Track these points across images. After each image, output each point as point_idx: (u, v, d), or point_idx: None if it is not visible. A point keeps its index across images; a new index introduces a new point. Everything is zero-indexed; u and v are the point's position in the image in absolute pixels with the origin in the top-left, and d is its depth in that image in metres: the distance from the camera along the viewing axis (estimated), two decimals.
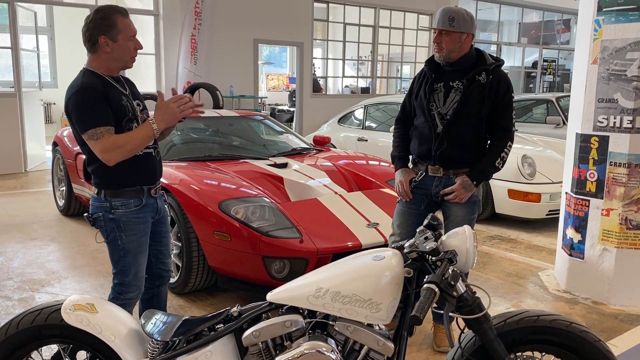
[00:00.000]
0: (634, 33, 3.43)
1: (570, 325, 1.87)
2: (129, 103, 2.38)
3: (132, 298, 2.49)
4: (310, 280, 1.89)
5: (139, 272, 2.47)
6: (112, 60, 2.33)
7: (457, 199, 2.85)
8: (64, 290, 3.91)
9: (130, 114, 2.38)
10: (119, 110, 2.33)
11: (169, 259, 2.71)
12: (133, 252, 2.43)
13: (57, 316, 1.91)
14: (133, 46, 2.35)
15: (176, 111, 2.30)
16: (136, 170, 2.39)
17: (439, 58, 2.80)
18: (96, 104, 2.26)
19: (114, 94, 2.32)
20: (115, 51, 2.31)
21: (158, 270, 2.66)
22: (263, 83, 16.29)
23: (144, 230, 2.46)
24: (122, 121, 2.34)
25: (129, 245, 2.41)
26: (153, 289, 2.68)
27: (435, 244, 1.81)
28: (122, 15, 2.31)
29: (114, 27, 2.28)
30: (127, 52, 2.34)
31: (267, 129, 5.61)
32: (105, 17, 2.28)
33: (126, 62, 2.37)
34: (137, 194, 2.41)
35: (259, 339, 1.87)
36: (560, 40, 17.16)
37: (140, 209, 2.43)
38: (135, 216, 2.41)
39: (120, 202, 2.38)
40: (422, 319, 1.58)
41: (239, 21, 10.29)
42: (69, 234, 5.27)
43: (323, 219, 3.57)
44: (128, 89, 2.45)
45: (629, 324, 3.43)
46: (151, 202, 2.49)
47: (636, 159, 3.51)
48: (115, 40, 2.29)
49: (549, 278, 4.20)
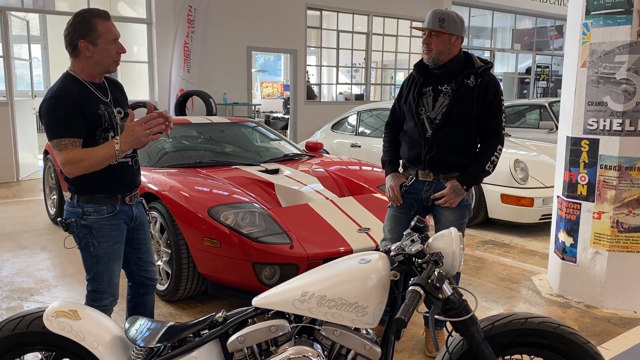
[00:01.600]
0: (622, 36, 3.44)
1: (558, 327, 1.85)
2: (106, 112, 2.32)
3: (106, 305, 2.44)
4: (296, 285, 1.87)
5: (112, 279, 2.42)
6: (93, 64, 2.29)
7: (448, 203, 2.84)
8: (53, 298, 3.87)
9: (106, 124, 2.32)
10: (94, 119, 2.28)
11: (152, 266, 2.65)
12: (106, 259, 2.38)
13: (39, 323, 1.88)
14: (115, 50, 2.29)
15: (141, 135, 2.18)
16: (110, 178, 2.34)
17: (427, 60, 2.79)
18: (66, 114, 2.21)
19: (90, 103, 2.27)
20: (95, 55, 2.26)
21: (141, 279, 2.61)
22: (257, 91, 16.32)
23: (117, 237, 2.41)
24: (96, 131, 2.29)
25: (102, 252, 2.37)
26: (138, 298, 2.64)
27: (421, 246, 1.80)
28: (102, 19, 2.26)
29: (94, 31, 2.23)
30: (108, 56, 2.28)
31: (259, 135, 5.60)
32: (84, 20, 2.23)
33: (108, 66, 2.31)
34: (110, 200, 2.37)
35: (244, 345, 1.84)
36: (554, 46, 17.25)
37: (113, 215, 2.38)
38: (108, 223, 2.36)
39: (93, 209, 2.34)
40: (407, 321, 1.56)
41: (232, 29, 10.30)
42: (60, 243, 5.23)
43: (314, 225, 3.55)
44: (110, 95, 2.40)
45: (622, 327, 3.41)
46: (126, 209, 2.43)
47: (626, 161, 3.50)
48: (95, 44, 2.24)
49: (542, 282, 4.19)
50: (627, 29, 3.41)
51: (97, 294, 2.42)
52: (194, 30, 9.60)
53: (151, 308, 2.72)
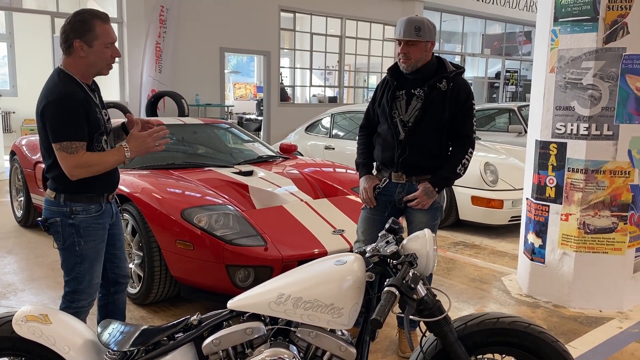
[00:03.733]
0: (589, 43, 3.54)
1: (528, 326, 1.89)
2: (101, 115, 2.35)
3: (84, 306, 2.42)
4: (272, 287, 1.88)
5: (93, 279, 2.42)
6: (86, 65, 2.28)
7: (420, 205, 2.88)
8: (20, 303, 3.78)
9: (103, 128, 2.36)
10: (94, 123, 2.30)
11: (125, 263, 2.65)
12: (90, 259, 2.38)
13: (8, 328, 1.84)
14: (110, 53, 2.30)
15: (151, 146, 2.33)
16: (101, 178, 2.34)
17: (406, 69, 2.82)
18: (75, 116, 2.22)
19: (90, 106, 2.29)
20: (89, 56, 2.26)
21: (113, 276, 2.59)
22: (230, 92, 16.21)
23: (103, 236, 2.42)
24: (94, 134, 2.31)
25: (87, 252, 2.36)
26: (108, 296, 2.61)
27: (396, 247, 1.82)
28: (101, 21, 2.26)
29: (91, 32, 2.23)
30: (102, 59, 2.28)
31: (233, 137, 5.57)
32: (83, 20, 2.23)
33: (101, 69, 2.32)
34: (98, 199, 2.38)
35: (220, 347, 1.83)
36: (522, 51, 17.62)
37: (100, 214, 2.39)
38: (95, 222, 2.37)
39: (82, 207, 2.33)
40: (382, 322, 1.57)
41: (205, 29, 10.23)
42: (27, 246, 5.11)
43: (288, 227, 3.55)
44: (98, 97, 2.41)
45: (588, 326, 3.51)
46: (108, 208, 2.46)
47: (593, 164, 3.61)
48: (90, 46, 2.24)
49: (512, 283, 4.27)
50: (593, 36, 3.52)
51: (76, 295, 2.39)
52: (166, 30, 9.50)
53: (122, 307, 2.69)
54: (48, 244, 5.14)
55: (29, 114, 12.82)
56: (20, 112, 12.73)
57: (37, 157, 5.42)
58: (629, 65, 3.48)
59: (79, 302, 2.40)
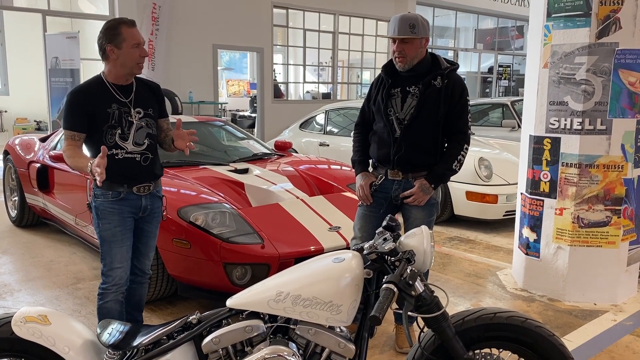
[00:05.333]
0: (582, 38, 3.56)
1: (525, 321, 1.91)
2: (117, 111, 2.58)
3: (107, 290, 2.64)
4: (271, 285, 1.89)
5: (114, 263, 2.63)
6: (119, 66, 2.56)
7: (416, 201, 2.89)
8: (16, 303, 3.77)
9: (114, 121, 2.57)
10: (102, 116, 2.55)
11: (147, 259, 2.83)
12: (107, 241, 2.61)
13: (7, 329, 1.84)
14: (138, 53, 2.55)
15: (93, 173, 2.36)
16: (113, 168, 2.53)
17: (402, 67, 2.82)
18: (73, 108, 2.54)
19: (102, 101, 2.55)
20: (120, 57, 2.53)
21: (132, 267, 2.75)
22: (223, 89, 16.17)
23: (119, 221, 2.61)
24: (103, 126, 2.55)
25: (104, 234, 2.61)
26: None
27: (394, 244, 1.83)
28: (127, 26, 2.55)
29: (119, 36, 2.51)
30: (131, 58, 2.54)
31: (227, 134, 5.57)
32: (110, 27, 2.54)
33: (132, 67, 2.57)
34: (115, 187, 2.59)
35: (219, 346, 1.84)
36: (515, 46, 17.66)
37: (118, 200, 2.60)
38: (111, 206, 2.60)
39: (100, 192, 2.60)
40: (381, 319, 1.59)
41: (198, 26, 10.19)
42: (22, 246, 5.09)
43: (285, 224, 3.55)
44: (134, 96, 2.63)
45: (583, 319, 3.54)
46: (133, 198, 2.64)
47: (586, 159, 3.63)
48: (120, 48, 2.52)
49: (507, 277, 4.30)
50: (586, 32, 3.54)
51: (103, 276, 2.66)
52: (159, 28, 9.47)
53: (137, 301, 2.88)
54: (43, 244, 5.13)
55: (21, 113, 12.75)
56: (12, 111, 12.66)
57: (31, 157, 5.40)
58: (621, 60, 3.51)
59: (104, 284, 2.65)
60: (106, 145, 2.56)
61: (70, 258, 4.74)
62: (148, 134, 2.68)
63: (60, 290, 4.01)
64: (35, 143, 5.59)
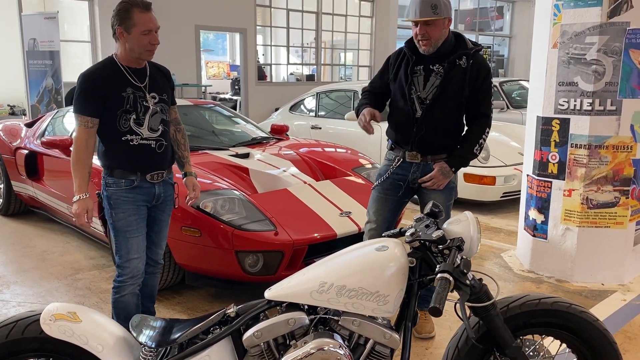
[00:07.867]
0: (592, 17, 3.52)
1: (570, 306, 1.88)
2: (132, 95, 2.45)
3: (124, 282, 2.57)
4: (312, 275, 1.81)
5: (130, 254, 2.53)
6: (127, 50, 2.43)
7: (435, 185, 2.83)
8: (15, 296, 3.63)
9: (128, 106, 2.45)
10: (116, 100, 2.43)
11: (159, 249, 2.75)
12: (122, 232, 2.51)
13: (36, 328, 1.73)
14: (148, 40, 2.41)
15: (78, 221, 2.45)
16: (127, 155, 2.48)
17: (427, 50, 2.70)
18: (87, 92, 2.40)
19: (115, 85, 2.42)
20: (129, 42, 2.41)
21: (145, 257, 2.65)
22: (203, 71, 15.84)
23: (133, 210, 2.52)
24: (117, 111, 2.44)
25: (118, 224, 2.51)
26: None
27: (442, 231, 1.77)
28: (140, 10, 2.38)
29: (130, 20, 2.37)
30: (139, 45, 2.40)
31: (222, 117, 5.42)
32: (123, 9, 2.38)
33: (140, 54, 2.43)
34: (128, 175, 2.50)
35: (261, 340, 1.77)
36: (495, 27, 17.68)
37: (131, 189, 2.50)
38: (124, 195, 2.50)
39: (113, 181, 2.51)
40: (441, 309, 1.54)
41: (179, 7, 9.91)
42: (12, 235, 4.91)
43: (295, 210, 3.47)
44: (148, 80, 2.51)
45: (593, 299, 3.56)
46: (146, 186, 2.54)
47: (596, 140, 3.62)
48: (129, 33, 2.39)
49: (512, 259, 4.30)
50: (597, 11, 3.50)
51: (119, 268, 2.56)
52: None
53: (149, 291, 2.79)
54: (34, 234, 4.95)
55: None
56: None
57: (17, 143, 5.18)
58: (632, 40, 3.48)
59: (119, 277, 2.56)
60: (120, 131, 2.45)
61: (65, 247, 4.59)
62: (162, 120, 2.57)
63: (59, 281, 3.87)
64: (21, 129, 5.37)
